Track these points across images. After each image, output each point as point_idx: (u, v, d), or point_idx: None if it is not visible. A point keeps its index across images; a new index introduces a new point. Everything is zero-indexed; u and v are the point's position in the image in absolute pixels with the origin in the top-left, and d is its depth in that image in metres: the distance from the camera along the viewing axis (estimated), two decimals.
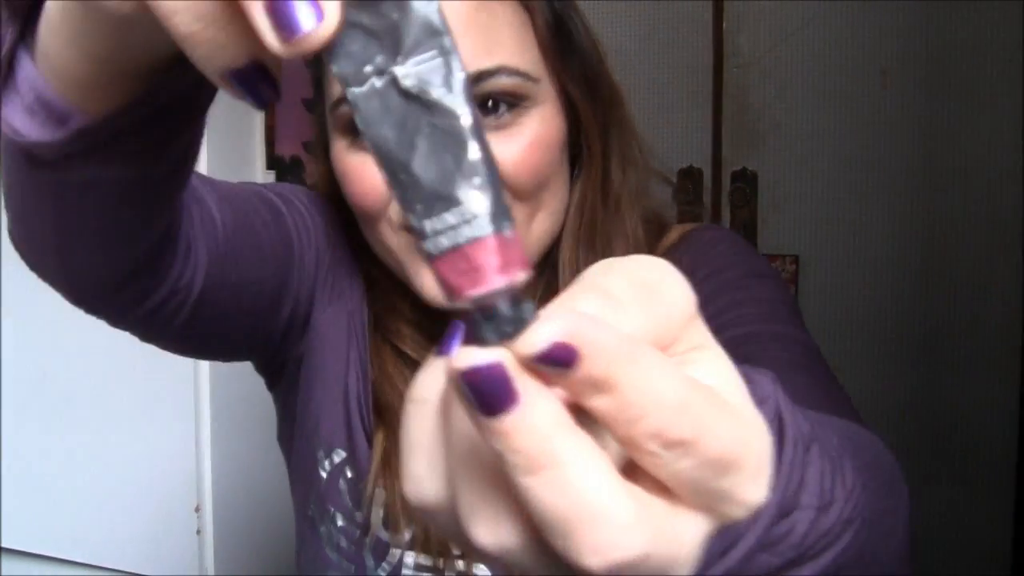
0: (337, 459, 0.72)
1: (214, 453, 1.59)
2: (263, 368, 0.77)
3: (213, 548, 1.60)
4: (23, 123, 0.38)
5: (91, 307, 0.55)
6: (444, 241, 0.23)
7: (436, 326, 0.71)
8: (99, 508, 1.62)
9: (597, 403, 0.21)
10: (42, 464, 1.65)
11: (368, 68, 0.23)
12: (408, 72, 0.23)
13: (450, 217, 0.22)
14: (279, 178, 1.65)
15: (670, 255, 0.70)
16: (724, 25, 1.68)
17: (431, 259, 0.23)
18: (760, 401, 0.34)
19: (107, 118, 0.38)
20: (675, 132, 1.69)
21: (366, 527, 0.70)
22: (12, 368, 1.63)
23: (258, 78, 0.26)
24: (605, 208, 0.69)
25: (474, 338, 0.23)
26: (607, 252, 0.68)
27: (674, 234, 0.73)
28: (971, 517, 1.57)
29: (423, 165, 0.23)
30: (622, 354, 0.21)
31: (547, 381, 0.21)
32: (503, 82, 0.61)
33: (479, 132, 0.23)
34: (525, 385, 0.21)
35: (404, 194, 0.23)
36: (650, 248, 0.71)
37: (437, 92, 0.23)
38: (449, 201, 0.22)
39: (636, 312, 0.23)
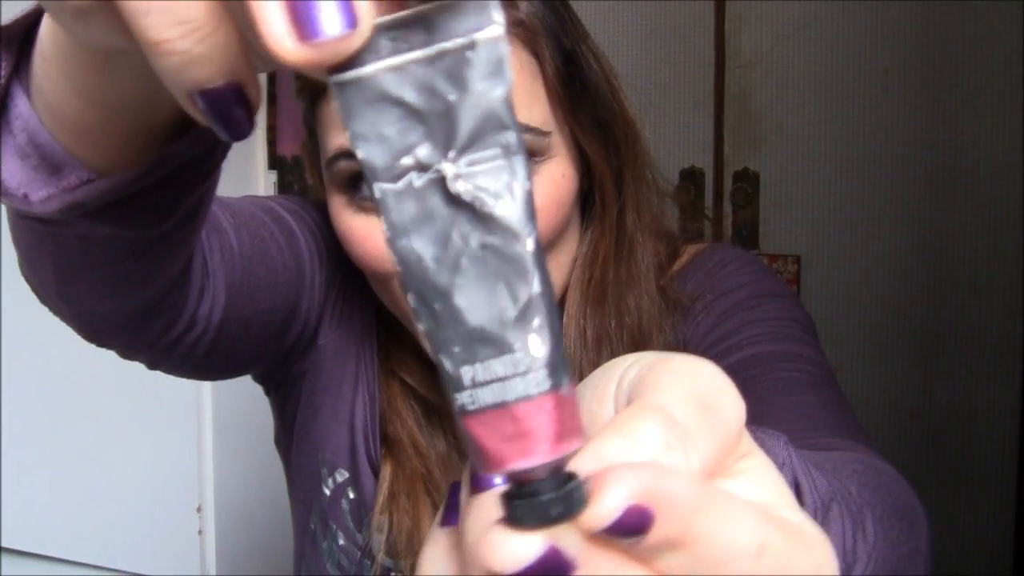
0: (340, 479, 0.71)
1: (215, 453, 1.59)
2: (260, 378, 0.76)
3: (215, 548, 1.60)
4: (14, 168, 0.35)
5: (102, 343, 0.53)
6: (487, 396, 0.18)
7: None
8: (100, 508, 1.62)
9: (671, 562, 0.18)
10: (43, 464, 1.64)
11: (407, 160, 0.18)
12: (461, 172, 0.18)
13: (499, 366, 0.18)
14: (280, 178, 1.65)
15: (680, 278, 0.69)
16: (726, 25, 1.68)
17: (463, 415, 0.18)
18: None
19: (101, 192, 0.35)
20: (677, 132, 1.69)
21: (367, 550, 0.70)
22: (14, 367, 1.63)
23: (233, 102, 0.21)
24: (617, 256, 0.66)
25: (507, 516, 0.18)
26: (617, 307, 0.66)
27: (685, 256, 0.71)
28: (972, 517, 1.58)
29: (469, 296, 0.18)
30: (698, 505, 0.18)
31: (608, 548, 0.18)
32: None
33: (541, 258, 0.18)
34: (592, 562, 0.18)
35: (437, 330, 0.18)
36: (663, 272, 0.69)
37: (497, 203, 0.18)
38: (499, 346, 0.18)
39: (703, 439, 0.20)
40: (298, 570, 0.76)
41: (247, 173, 1.64)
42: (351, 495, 0.71)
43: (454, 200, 0.18)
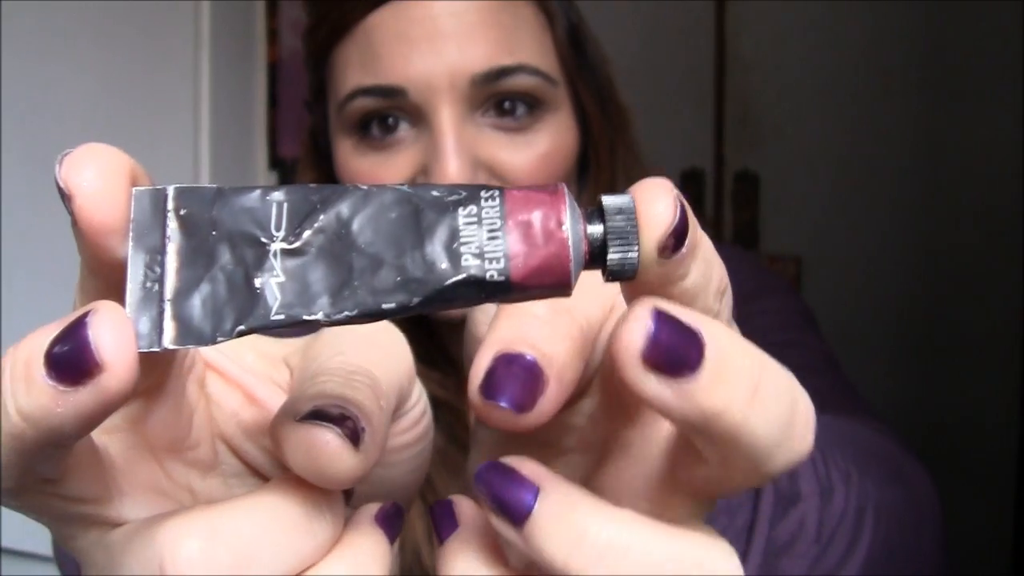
0: None
1: None
2: None
3: None
4: None
5: None
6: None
7: (450, 346, 0.67)
8: None
9: (694, 274, 0.20)
10: None
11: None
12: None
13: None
14: (282, 178, 1.65)
15: None
16: (726, 26, 1.68)
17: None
18: None
19: None
20: (677, 133, 1.69)
21: None
22: None
23: None
24: None
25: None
26: None
27: None
28: (971, 517, 1.58)
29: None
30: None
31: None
32: (523, 81, 0.58)
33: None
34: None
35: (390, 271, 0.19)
36: None
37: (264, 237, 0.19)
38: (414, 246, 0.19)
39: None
40: None
41: (247, 173, 1.64)
42: None
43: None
